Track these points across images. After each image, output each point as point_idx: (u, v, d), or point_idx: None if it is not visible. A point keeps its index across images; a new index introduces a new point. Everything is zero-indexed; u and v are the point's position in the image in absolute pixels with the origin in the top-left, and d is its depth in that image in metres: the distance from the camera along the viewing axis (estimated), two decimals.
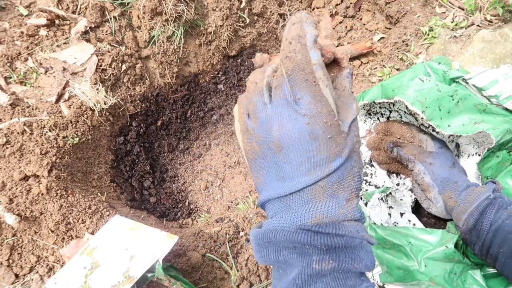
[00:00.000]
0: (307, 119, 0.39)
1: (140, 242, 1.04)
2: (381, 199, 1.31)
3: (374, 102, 1.31)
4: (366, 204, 1.28)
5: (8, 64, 1.35)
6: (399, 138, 1.27)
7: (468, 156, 1.30)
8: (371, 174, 1.40)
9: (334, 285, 0.41)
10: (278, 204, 0.44)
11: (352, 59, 1.85)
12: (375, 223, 1.22)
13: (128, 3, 1.54)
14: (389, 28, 1.84)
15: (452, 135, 1.19)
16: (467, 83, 1.26)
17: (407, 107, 1.15)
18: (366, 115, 1.43)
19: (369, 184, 1.37)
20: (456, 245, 1.12)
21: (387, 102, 1.29)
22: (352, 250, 0.41)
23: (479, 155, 1.26)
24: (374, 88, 1.36)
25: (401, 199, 1.32)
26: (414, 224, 1.26)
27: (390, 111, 1.42)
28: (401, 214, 1.30)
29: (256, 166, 0.46)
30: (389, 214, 1.30)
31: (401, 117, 1.39)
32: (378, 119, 1.42)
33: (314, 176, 0.40)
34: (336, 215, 0.41)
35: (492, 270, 1.06)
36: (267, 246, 0.44)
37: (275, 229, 0.43)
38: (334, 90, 0.44)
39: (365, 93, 1.35)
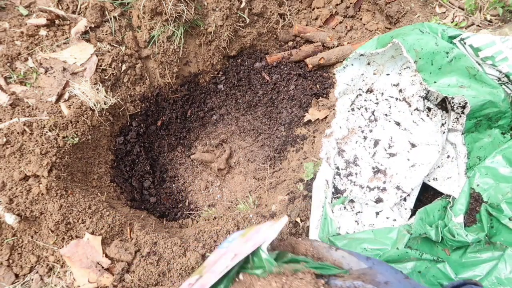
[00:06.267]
0: None
1: (249, 243, 0.93)
2: (345, 208, 1.31)
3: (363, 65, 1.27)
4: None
5: (8, 64, 1.35)
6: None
7: (465, 156, 1.30)
8: (356, 174, 1.39)
9: None
10: None
11: None
12: (339, 234, 1.22)
13: (128, 3, 1.54)
14: (389, 28, 1.84)
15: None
16: (464, 43, 1.24)
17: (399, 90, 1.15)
18: (349, 111, 1.41)
19: (354, 184, 1.37)
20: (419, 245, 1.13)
21: (380, 53, 1.26)
22: None
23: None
24: (369, 41, 1.35)
25: (377, 200, 1.30)
26: (394, 220, 1.26)
27: (377, 103, 1.40)
28: (377, 214, 1.30)
29: None
30: (356, 222, 1.29)
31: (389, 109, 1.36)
32: (361, 114, 1.40)
33: None
34: None
35: (473, 255, 1.07)
36: None
37: None
38: None
39: (361, 47, 1.34)
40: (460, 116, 1.29)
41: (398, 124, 1.39)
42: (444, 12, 1.68)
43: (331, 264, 0.95)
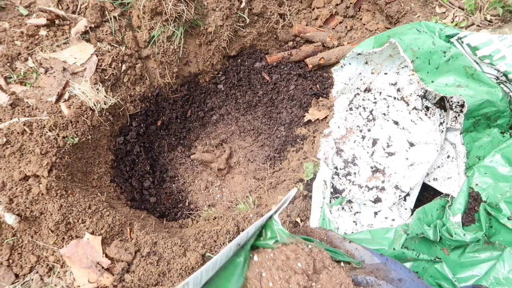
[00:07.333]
0: None
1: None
2: (343, 208, 1.31)
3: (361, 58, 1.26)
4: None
5: (8, 64, 1.35)
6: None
7: (464, 156, 1.30)
8: (355, 173, 1.39)
9: None
10: None
11: None
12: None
13: (128, 3, 1.54)
14: (389, 28, 1.84)
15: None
16: (462, 42, 1.24)
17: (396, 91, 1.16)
18: (347, 110, 1.41)
19: (353, 184, 1.37)
20: (410, 245, 1.12)
21: (377, 52, 1.26)
22: None
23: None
24: (366, 41, 1.34)
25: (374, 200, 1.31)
26: (393, 220, 1.26)
27: (375, 103, 1.40)
28: (375, 214, 1.30)
29: None
30: (355, 222, 1.30)
31: (387, 107, 1.37)
32: (360, 113, 1.40)
33: None
34: None
35: (472, 254, 1.06)
36: None
37: None
38: None
39: (358, 46, 1.34)
40: (459, 115, 1.30)
41: (396, 123, 1.39)
42: (444, 12, 1.68)
43: (344, 253, 0.97)
